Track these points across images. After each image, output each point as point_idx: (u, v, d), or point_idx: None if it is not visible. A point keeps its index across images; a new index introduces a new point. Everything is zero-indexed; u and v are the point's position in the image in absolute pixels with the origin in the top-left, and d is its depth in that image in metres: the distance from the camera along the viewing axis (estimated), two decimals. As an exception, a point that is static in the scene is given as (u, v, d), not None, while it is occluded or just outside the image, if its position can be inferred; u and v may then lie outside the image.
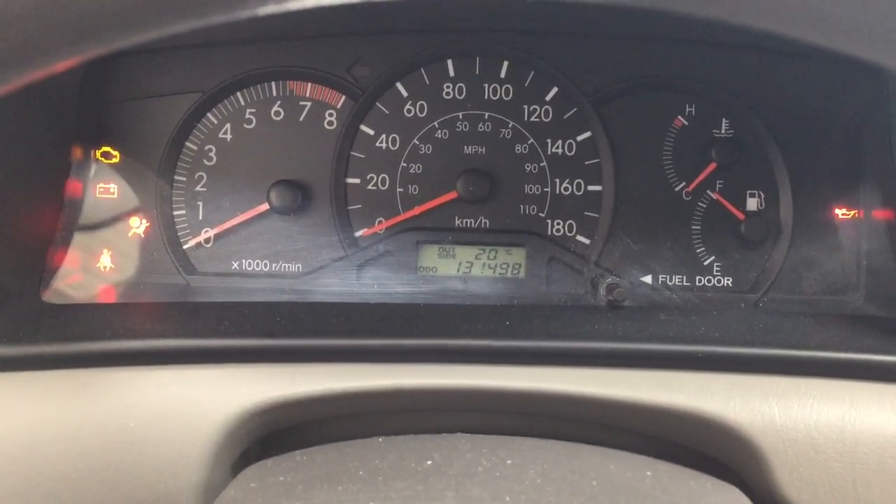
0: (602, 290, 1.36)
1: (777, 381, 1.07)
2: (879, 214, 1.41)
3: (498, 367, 1.09)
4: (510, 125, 1.51)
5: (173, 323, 1.28)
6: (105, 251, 1.48)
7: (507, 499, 0.79)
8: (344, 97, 1.50)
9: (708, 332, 1.20)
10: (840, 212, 1.47)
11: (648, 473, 0.90)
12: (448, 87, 1.50)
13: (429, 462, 0.87)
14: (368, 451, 0.94)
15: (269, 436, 1.10)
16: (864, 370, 1.08)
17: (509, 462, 0.88)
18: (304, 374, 1.07)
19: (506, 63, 1.50)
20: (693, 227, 1.49)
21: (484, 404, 1.11)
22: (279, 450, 1.01)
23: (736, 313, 1.38)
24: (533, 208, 1.51)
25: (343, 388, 1.07)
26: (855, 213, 1.46)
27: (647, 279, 1.49)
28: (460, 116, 1.51)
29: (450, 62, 1.50)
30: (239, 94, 1.50)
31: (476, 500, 0.78)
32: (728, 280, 1.49)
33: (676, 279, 1.49)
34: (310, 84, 1.50)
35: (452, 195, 1.49)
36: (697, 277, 1.49)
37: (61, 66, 0.45)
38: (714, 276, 1.49)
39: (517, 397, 1.08)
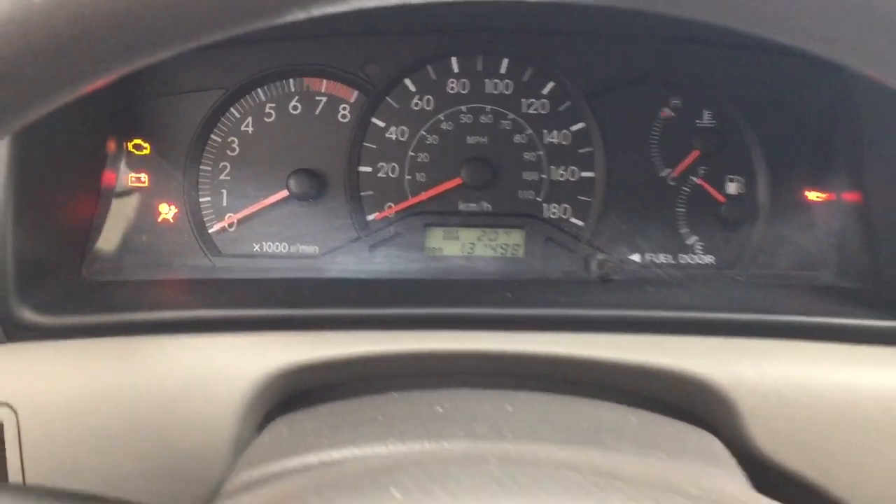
0: (594, 266, 1.43)
1: (750, 342, 1.13)
2: (849, 197, 1.46)
3: (500, 332, 1.14)
4: (510, 117, 1.54)
5: (205, 296, 1.34)
6: (137, 235, 1.53)
7: (510, 435, 0.86)
8: (357, 92, 1.54)
9: (690, 301, 1.27)
10: (813, 195, 1.51)
11: (633, 419, 0.99)
12: (452, 82, 1.55)
13: (438, 409, 0.95)
14: (385, 402, 1.01)
15: (288, 400, 1.17)
16: (829, 332, 1.16)
17: (510, 408, 0.95)
18: (324, 340, 1.12)
19: (506, 60, 1.54)
20: (677, 209, 1.54)
21: (487, 366, 1.17)
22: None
23: (716, 285, 1.44)
24: (531, 193, 1.55)
25: (360, 352, 1.13)
26: (827, 196, 1.49)
27: (636, 257, 1.54)
28: (464, 109, 1.54)
29: (454, 60, 1.55)
30: (259, 90, 1.54)
31: (482, 436, 0.86)
32: (710, 258, 1.53)
33: (662, 257, 1.54)
34: (325, 80, 1.54)
35: (457, 181, 1.53)
36: (681, 255, 1.54)
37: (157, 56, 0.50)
38: (696, 254, 1.54)
39: (518, 359, 1.15)
